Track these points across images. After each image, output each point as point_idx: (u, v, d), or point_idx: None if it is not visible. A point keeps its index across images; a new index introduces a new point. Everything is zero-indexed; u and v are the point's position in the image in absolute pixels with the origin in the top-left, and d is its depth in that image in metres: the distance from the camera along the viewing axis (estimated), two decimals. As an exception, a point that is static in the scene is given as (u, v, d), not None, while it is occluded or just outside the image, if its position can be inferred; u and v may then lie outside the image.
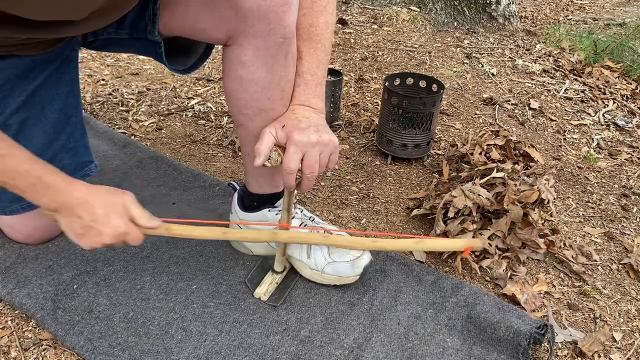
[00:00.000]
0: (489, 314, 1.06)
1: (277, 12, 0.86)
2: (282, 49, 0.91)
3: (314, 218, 1.16)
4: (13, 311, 1.05)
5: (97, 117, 1.76)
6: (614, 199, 1.55)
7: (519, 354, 0.99)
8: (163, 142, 1.66)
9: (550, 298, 1.18)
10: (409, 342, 1.02)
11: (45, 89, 1.04)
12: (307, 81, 0.98)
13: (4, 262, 1.12)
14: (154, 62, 2.15)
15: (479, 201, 1.25)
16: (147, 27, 0.98)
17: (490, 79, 2.25)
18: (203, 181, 1.44)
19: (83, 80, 1.97)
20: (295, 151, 0.92)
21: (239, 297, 1.09)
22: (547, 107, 2.05)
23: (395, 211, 1.42)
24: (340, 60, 2.31)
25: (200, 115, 1.82)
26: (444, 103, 2.01)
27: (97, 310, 1.03)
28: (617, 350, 1.07)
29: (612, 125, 1.98)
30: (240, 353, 0.98)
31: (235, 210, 1.18)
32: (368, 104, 1.97)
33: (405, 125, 1.60)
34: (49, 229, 1.17)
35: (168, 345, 0.98)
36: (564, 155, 1.76)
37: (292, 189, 0.98)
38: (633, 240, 1.38)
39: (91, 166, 1.18)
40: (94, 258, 1.15)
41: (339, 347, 1.00)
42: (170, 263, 1.16)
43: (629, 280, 1.25)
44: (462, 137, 1.79)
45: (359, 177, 1.56)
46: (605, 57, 2.45)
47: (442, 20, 2.75)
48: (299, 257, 1.12)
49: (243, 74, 0.94)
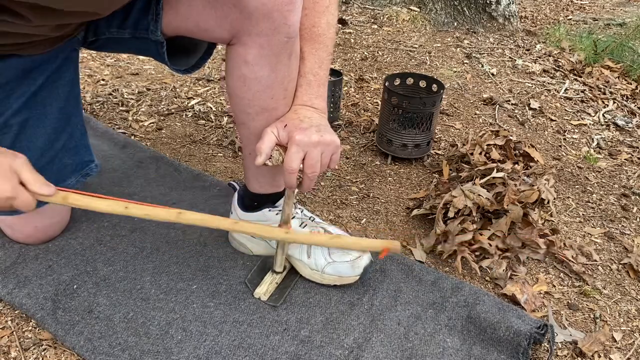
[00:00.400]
0: (489, 314, 1.06)
1: (281, 11, 0.86)
2: (286, 48, 0.91)
3: (314, 218, 1.16)
4: (13, 311, 1.05)
5: (97, 117, 1.76)
6: (614, 199, 1.55)
7: (519, 354, 0.99)
8: (163, 142, 1.66)
9: (550, 298, 1.18)
10: (409, 342, 1.02)
11: (46, 89, 1.04)
12: (310, 81, 0.99)
13: (4, 262, 1.12)
14: (154, 62, 2.15)
15: (479, 201, 1.25)
16: (149, 26, 0.97)
17: (490, 79, 2.25)
18: (203, 181, 1.44)
19: (83, 80, 1.97)
20: (297, 151, 0.92)
21: (239, 297, 1.09)
22: (547, 107, 2.05)
23: (395, 211, 1.42)
24: (340, 60, 2.31)
25: (200, 115, 1.82)
26: (444, 103, 2.01)
27: (97, 310, 1.03)
28: (617, 350, 1.07)
29: (612, 125, 1.98)
30: (240, 353, 0.98)
31: (235, 210, 1.18)
32: (368, 104, 1.97)
33: (405, 125, 1.60)
34: (49, 229, 1.17)
35: (168, 345, 0.98)
36: (564, 155, 1.76)
37: (293, 188, 0.98)
38: (633, 240, 1.38)
39: (92, 166, 1.18)
40: (94, 258, 1.15)
41: (339, 347, 1.00)
42: (170, 263, 1.16)
43: (629, 280, 1.25)
44: (462, 137, 1.79)
45: (359, 177, 1.56)
46: (605, 57, 2.45)
47: (442, 20, 2.75)
48: (299, 257, 1.12)
49: (246, 72, 0.94)
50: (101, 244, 1.19)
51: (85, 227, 1.23)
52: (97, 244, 1.19)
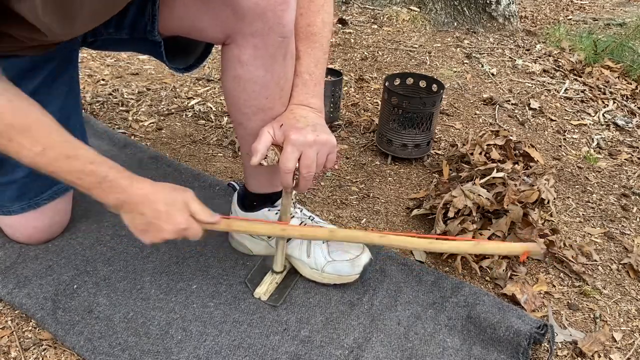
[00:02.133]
0: (489, 314, 1.06)
1: (275, 11, 0.86)
2: (281, 47, 0.91)
3: (313, 217, 1.16)
4: (13, 311, 1.05)
5: (97, 117, 1.76)
6: (614, 199, 1.55)
7: (519, 354, 0.99)
8: (163, 142, 1.66)
9: (550, 298, 1.18)
10: (409, 342, 1.02)
11: (45, 88, 1.04)
12: (305, 81, 0.98)
13: (4, 262, 1.12)
14: (154, 62, 2.15)
15: (479, 201, 1.25)
16: (146, 27, 0.97)
17: (490, 79, 2.25)
18: (203, 181, 1.44)
19: (83, 80, 1.97)
20: (292, 150, 0.92)
21: (239, 297, 1.09)
22: (547, 107, 2.05)
23: (395, 211, 1.42)
24: (340, 60, 2.31)
25: (200, 115, 1.82)
26: (444, 103, 2.01)
27: (97, 310, 1.03)
28: (617, 350, 1.07)
29: (612, 125, 1.98)
30: (240, 353, 0.98)
31: (235, 210, 1.18)
32: (368, 104, 1.97)
33: (405, 125, 1.60)
34: (49, 229, 1.17)
35: (168, 345, 0.98)
36: (564, 155, 1.76)
37: (289, 188, 0.98)
38: (633, 240, 1.38)
39: (91, 166, 1.18)
40: (94, 258, 1.15)
41: (339, 347, 1.00)
42: (170, 263, 1.16)
43: (629, 280, 1.25)
44: (462, 137, 1.79)
45: (359, 177, 1.56)
46: (605, 57, 2.45)
47: (442, 20, 2.75)
48: (299, 257, 1.12)
49: (242, 73, 0.94)
50: (101, 244, 1.19)
51: (85, 227, 1.23)
52: (97, 244, 1.19)
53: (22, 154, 0.83)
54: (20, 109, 0.83)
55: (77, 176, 0.86)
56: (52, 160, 0.85)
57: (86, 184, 0.87)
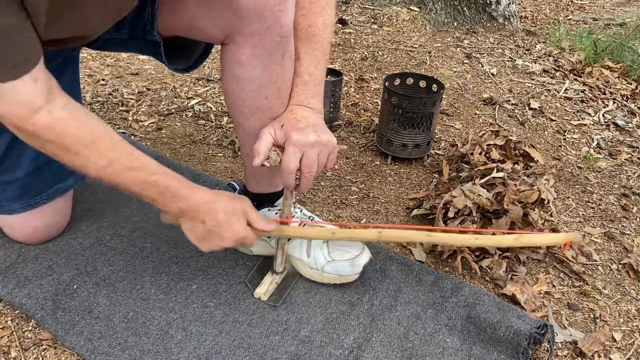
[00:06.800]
0: (489, 314, 1.06)
1: (273, 11, 0.86)
2: (279, 47, 0.91)
3: (313, 217, 1.16)
4: (13, 311, 1.05)
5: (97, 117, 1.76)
6: (614, 199, 1.55)
7: (519, 354, 0.99)
8: (163, 142, 1.66)
9: (550, 298, 1.18)
10: (409, 342, 1.02)
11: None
12: (306, 81, 0.99)
13: (4, 262, 1.12)
14: (154, 62, 2.15)
15: (479, 201, 1.25)
16: (145, 27, 0.98)
17: (490, 79, 2.25)
18: (203, 181, 1.44)
19: (83, 80, 1.97)
20: (294, 151, 0.92)
21: (239, 297, 1.09)
22: (547, 107, 2.05)
23: (395, 211, 1.42)
24: (340, 60, 2.31)
25: (200, 115, 1.82)
26: (444, 103, 2.01)
27: (97, 310, 1.03)
28: (617, 350, 1.07)
29: (612, 125, 1.98)
30: (240, 353, 0.98)
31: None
32: (368, 104, 1.97)
33: (405, 125, 1.60)
34: (49, 229, 1.17)
35: (168, 345, 0.98)
36: (564, 155, 1.76)
37: (291, 188, 0.98)
38: (633, 240, 1.38)
39: (91, 166, 1.18)
40: (94, 258, 1.15)
41: (339, 347, 1.00)
42: (170, 263, 1.16)
43: (629, 280, 1.25)
44: (462, 137, 1.79)
45: (359, 177, 1.56)
46: (605, 57, 2.45)
47: (442, 20, 2.75)
48: (299, 257, 1.12)
49: (240, 72, 0.94)
50: (101, 244, 1.19)
51: (85, 227, 1.23)
52: (97, 244, 1.19)
53: (89, 167, 0.84)
54: (84, 123, 0.84)
55: (141, 187, 0.88)
56: (118, 172, 0.86)
57: (150, 194, 0.89)
